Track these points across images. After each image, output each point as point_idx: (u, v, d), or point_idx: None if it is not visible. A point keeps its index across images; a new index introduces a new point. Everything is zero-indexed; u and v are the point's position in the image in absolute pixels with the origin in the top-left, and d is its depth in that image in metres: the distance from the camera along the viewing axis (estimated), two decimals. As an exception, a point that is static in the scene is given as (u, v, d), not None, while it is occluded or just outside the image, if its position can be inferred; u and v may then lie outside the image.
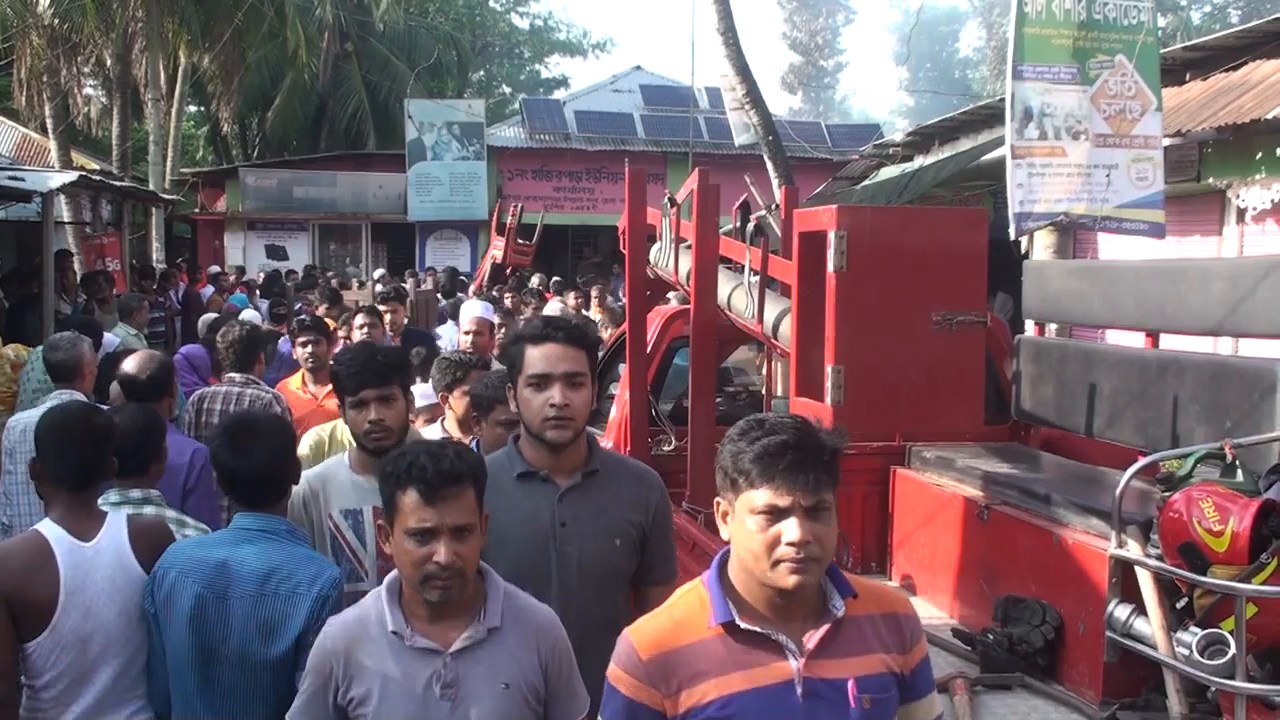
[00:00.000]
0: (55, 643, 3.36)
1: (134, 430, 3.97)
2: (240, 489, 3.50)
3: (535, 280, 15.99)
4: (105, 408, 4.37)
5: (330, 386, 6.17)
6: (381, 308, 8.95)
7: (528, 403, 3.28)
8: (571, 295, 13.17)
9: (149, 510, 3.86)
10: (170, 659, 3.38)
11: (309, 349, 7.14)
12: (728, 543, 2.61)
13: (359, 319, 8.34)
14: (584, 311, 12.74)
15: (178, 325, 16.07)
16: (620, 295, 14.72)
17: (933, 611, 5.22)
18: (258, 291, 18.86)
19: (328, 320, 8.58)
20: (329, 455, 5.03)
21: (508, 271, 18.06)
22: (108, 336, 8.76)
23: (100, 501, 3.74)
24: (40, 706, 3.38)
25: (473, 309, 8.34)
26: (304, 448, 4.87)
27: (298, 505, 3.88)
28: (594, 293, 13.53)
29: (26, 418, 5.58)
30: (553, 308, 10.07)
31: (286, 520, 3.56)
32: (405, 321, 9.69)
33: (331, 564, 3.60)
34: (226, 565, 3.33)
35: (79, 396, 5.73)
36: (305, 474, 3.91)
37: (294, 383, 7.22)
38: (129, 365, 5.23)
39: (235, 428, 3.60)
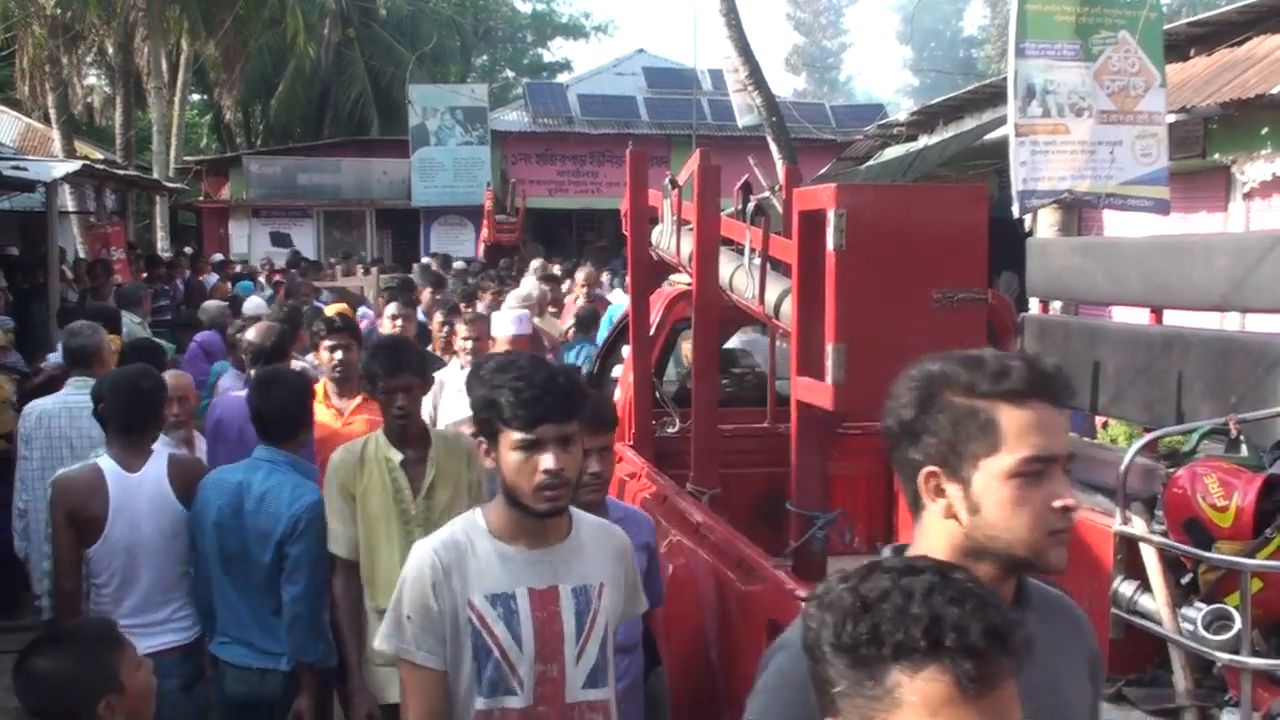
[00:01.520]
0: (108, 550, 4.25)
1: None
2: (263, 424, 4.42)
3: (538, 263, 15.14)
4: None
5: (359, 400, 5.75)
6: (391, 316, 7.77)
7: (1013, 508, 1.93)
8: (536, 287, 10.70)
9: None
10: (203, 561, 4.31)
11: (338, 354, 5.97)
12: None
13: (391, 309, 7.39)
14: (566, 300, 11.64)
15: (184, 314, 16.07)
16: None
17: (938, 590, 5.22)
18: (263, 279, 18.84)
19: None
20: (361, 485, 4.31)
21: (510, 250, 18.11)
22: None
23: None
24: (102, 600, 4.28)
25: (505, 324, 6.83)
26: (330, 481, 4.33)
27: (424, 588, 2.84)
28: (580, 277, 11.94)
29: (40, 406, 5.82)
30: (524, 290, 9.20)
31: (292, 455, 4.44)
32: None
33: (314, 489, 4.38)
34: (240, 486, 4.27)
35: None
36: (431, 546, 2.90)
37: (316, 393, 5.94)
38: (252, 335, 6.42)
39: (263, 378, 4.71)
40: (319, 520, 4.28)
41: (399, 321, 7.53)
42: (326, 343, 6.10)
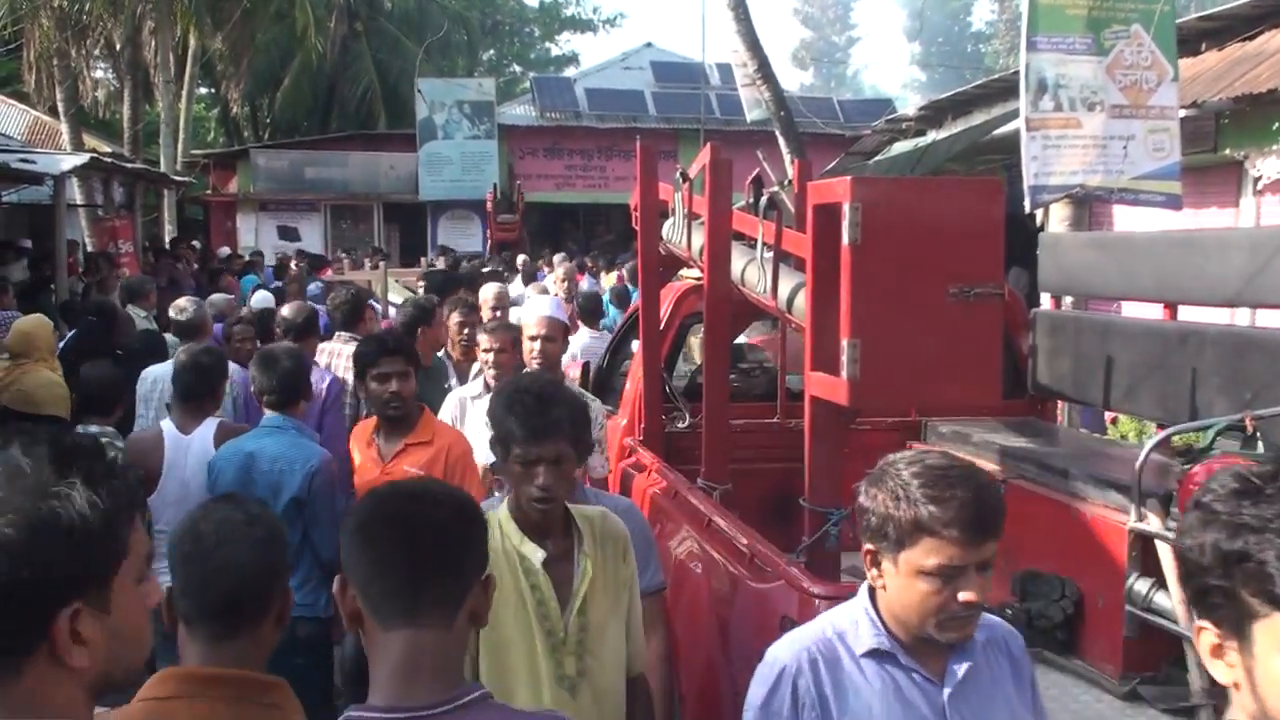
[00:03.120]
0: (162, 499, 4.92)
1: (103, 382, 5.72)
2: (270, 395, 4.85)
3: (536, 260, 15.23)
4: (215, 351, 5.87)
5: (404, 444, 4.82)
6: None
7: None
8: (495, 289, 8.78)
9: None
10: None
11: (392, 385, 4.81)
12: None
13: (532, 325, 5.39)
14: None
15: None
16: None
17: (950, 587, 5.19)
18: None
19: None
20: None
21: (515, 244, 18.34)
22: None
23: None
24: (159, 543, 4.99)
25: (539, 307, 5.65)
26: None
27: None
28: (560, 272, 11.57)
29: (157, 371, 6.60)
30: (539, 303, 6.48)
31: (297, 420, 4.88)
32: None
33: (322, 450, 4.76)
34: (253, 452, 4.69)
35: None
36: None
37: (361, 435, 5.10)
38: (286, 311, 7.28)
39: (264, 355, 5.13)
40: (330, 477, 4.70)
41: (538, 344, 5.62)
42: (377, 370, 4.85)
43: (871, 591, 2.38)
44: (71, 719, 1.48)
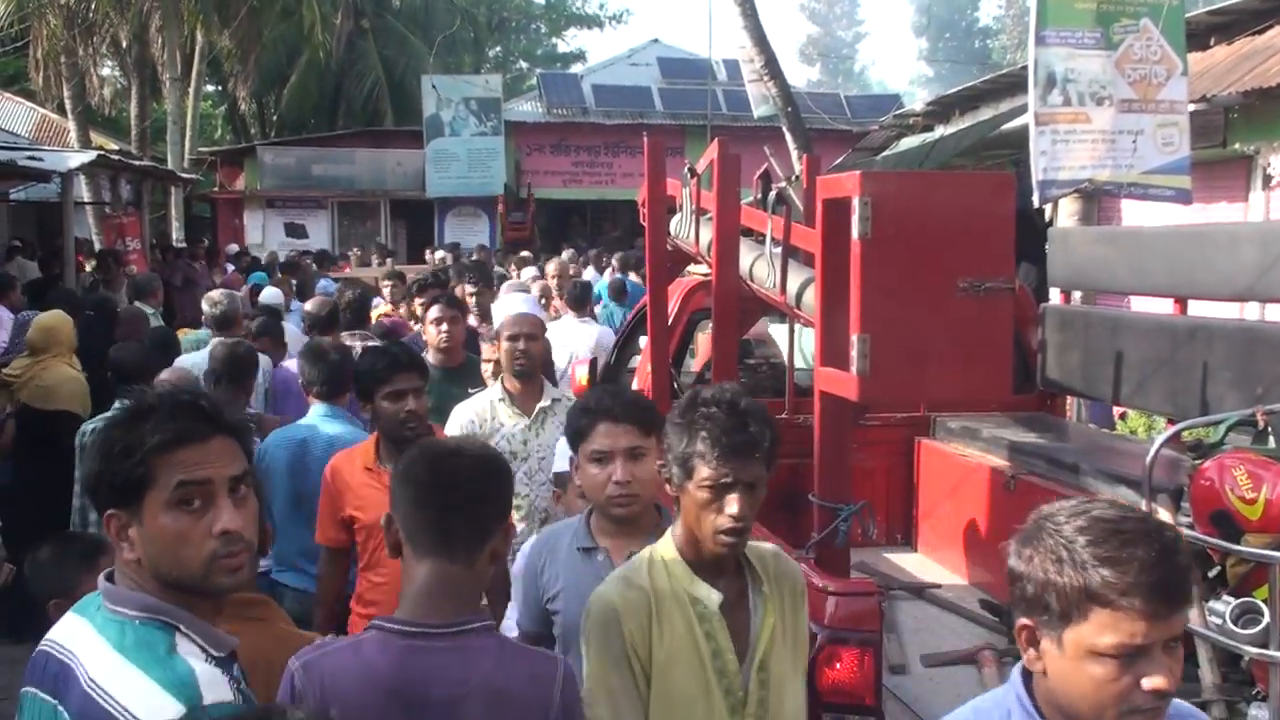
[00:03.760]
0: None
1: (134, 362, 6.11)
2: (321, 385, 5.18)
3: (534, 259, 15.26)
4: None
5: None
6: (434, 319, 6.17)
7: None
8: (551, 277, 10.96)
9: None
10: (273, 506, 4.88)
11: (409, 402, 4.27)
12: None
13: (510, 326, 4.95)
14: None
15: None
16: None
17: (960, 583, 5.20)
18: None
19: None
20: (662, 646, 2.62)
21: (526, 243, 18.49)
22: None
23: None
24: None
25: (514, 305, 5.17)
26: (600, 636, 2.64)
27: None
28: (551, 269, 12.10)
29: (192, 359, 6.84)
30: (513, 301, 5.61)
31: (345, 410, 5.21)
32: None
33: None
34: (305, 440, 5.02)
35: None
36: None
37: (359, 457, 4.42)
38: (309, 306, 7.56)
39: (312, 349, 5.49)
40: None
41: (444, 326, 6.12)
42: (391, 388, 4.27)
43: (1027, 675, 1.96)
44: (141, 591, 2.03)
